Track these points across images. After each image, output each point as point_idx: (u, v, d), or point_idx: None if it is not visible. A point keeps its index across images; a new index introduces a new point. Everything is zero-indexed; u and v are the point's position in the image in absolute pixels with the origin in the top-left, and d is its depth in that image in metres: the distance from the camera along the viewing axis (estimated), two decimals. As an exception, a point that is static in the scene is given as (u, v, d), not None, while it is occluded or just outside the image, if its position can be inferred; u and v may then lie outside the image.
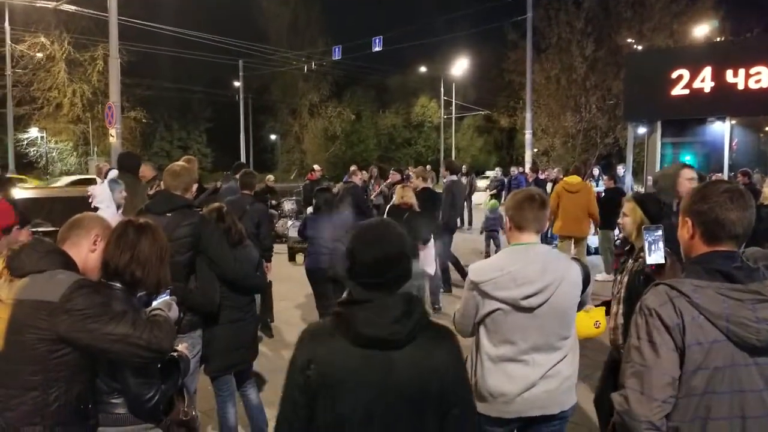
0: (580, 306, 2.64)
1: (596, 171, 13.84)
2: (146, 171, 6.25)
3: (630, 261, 3.06)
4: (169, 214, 3.40)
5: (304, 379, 1.67)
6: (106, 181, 5.24)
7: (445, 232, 8.36)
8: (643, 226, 2.70)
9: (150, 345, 2.06)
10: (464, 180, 16.63)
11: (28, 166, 32.20)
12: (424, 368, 1.65)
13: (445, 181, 8.64)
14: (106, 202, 4.89)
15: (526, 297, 2.40)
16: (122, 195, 5.03)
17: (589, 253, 10.68)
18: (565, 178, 8.45)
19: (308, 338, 1.72)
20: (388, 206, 6.85)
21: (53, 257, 2.14)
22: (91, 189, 5.07)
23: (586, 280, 2.56)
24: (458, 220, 8.47)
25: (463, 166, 18.63)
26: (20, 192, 11.92)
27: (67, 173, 30.97)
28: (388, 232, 1.73)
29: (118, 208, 4.95)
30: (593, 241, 10.18)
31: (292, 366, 1.71)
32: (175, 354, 2.42)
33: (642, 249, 2.67)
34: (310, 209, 11.78)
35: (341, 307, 1.70)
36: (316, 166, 14.28)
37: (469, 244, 11.59)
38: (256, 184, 5.86)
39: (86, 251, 2.28)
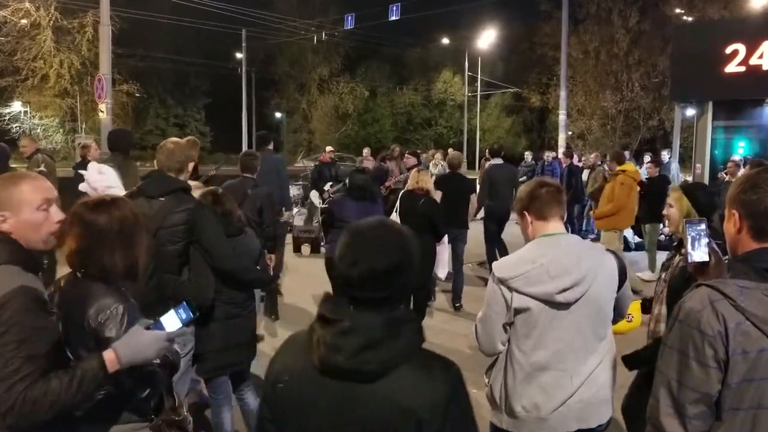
0: (620, 310, 2.62)
1: (647, 157, 13.62)
2: (26, 144, 6.28)
3: (677, 257, 3.03)
4: (163, 199, 3.40)
5: (272, 391, 1.61)
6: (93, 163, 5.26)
7: (489, 221, 8.40)
8: (684, 219, 2.67)
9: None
10: (488, 165, 16.59)
11: (9, 144, 32.47)
12: (397, 408, 1.46)
13: (487, 165, 8.66)
14: (114, 183, 4.84)
15: (562, 290, 2.39)
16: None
17: (628, 248, 10.61)
18: (624, 167, 8.28)
19: (286, 348, 1.66)
20: (401, 193, 6.83)
21: None
22: (88, 173, 5.01)
23: (623, 274, 2.54)
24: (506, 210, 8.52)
25: (487, 150, 18.55)
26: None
27: (54, 152, 31.33)
28: (383, 241, 1.52)
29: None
30: (628, 233, 10.10)
31: (266, 374, 1.66)
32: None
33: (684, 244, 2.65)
34: (328, 187, 11.85)
35: (315, 321, 1.57)
36: (328, 148, 14.23)
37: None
38: (258, 166, 5.87)
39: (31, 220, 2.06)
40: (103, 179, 4.61)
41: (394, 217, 6.38)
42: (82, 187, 4.46)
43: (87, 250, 2.15)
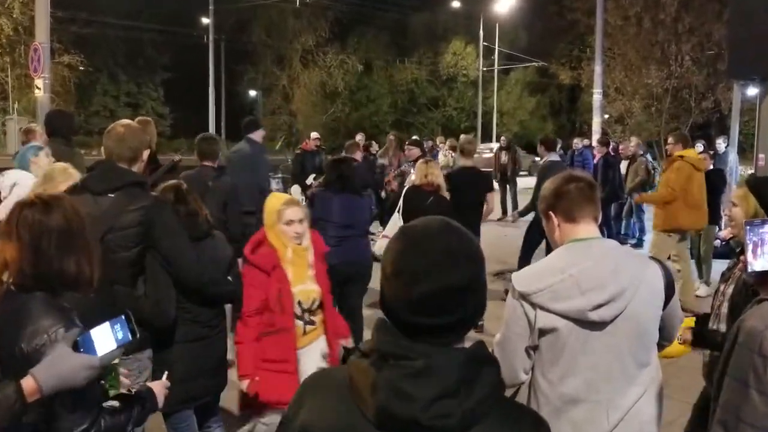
0: (668, 332, 2.63)
1: (699, 146, 13.63)
2: None
3: (739, 266, 3.06)
4: (112, 195, 3.39)
5: None
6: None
7: (539, 228, 8.35)
8: (744, 221, 2.66)
9: None
10: (504, 156, 16.63)
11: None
12: None
13: (541, 162, 8.69)
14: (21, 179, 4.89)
15: (596, 307, 2.40)
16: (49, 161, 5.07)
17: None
18: (683, 152, 8.28)
19: (317, 387, 1.56)
20: (405, 189, 6.84)
21: None
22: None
23: (670, 288, 2.54)
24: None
25: (502, 137, 18.58)
26: None
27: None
28: (454, 248, 1.45)
29: None
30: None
31: (287, 417, 1.57)
32: (130, 390, 2.42)
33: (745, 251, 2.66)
34: (312, 180, 11.85)
35: (361, 359, 1.47)
36: (313, 134, 14.32)
37: (513, 242, 11.54)
38: (219, 151, 5.92)
39: None
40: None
41: (396, 218, 6.37)
42: None
43: (29, 257, 2.17)
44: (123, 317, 2.19)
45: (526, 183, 17.54)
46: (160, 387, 2.57)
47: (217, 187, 5.69)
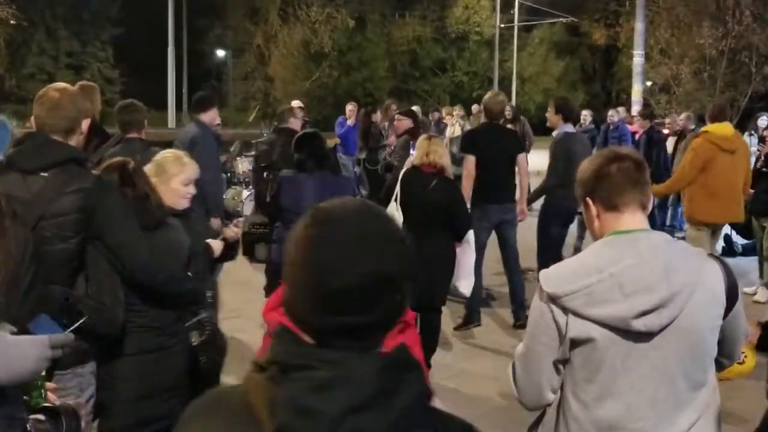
0: (729, 347, 2.61)
1: (763, 119, 13.52)
2: None
3: None
4: (46, 174, 3.37)
5: None
6: None
7: (554, 217, 8.43)
8: None
9: None
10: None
11: None
12: None
13: (555, 133, 8.66)
14: None
15: (640, 314, 2.36)
16: None
17: (734, 252, 10.62)
18: (708, 128, 8.25)
19: (195, 416, 1.56)
20: (402, 171, 6.82)
21: None
22: None
23: (732, 292, 2.51)
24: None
25: (508, 106, 18.37)
26: None
27: None
28: (374, 234, 1.47)
29: None
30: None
31: None
32: (54, 404, 2.42)
33: None
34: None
35: (260, 372, 1.48)
36: (295, 103, 14.22)
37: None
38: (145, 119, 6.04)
39: None
40: None
41: (393, 208, 6.32)
42: None
43: None
44: (47, 317, 2.23)
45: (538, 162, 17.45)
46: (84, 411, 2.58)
47: (147, 161, 5.72)
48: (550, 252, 8.49)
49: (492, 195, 7.36)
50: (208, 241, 4.56)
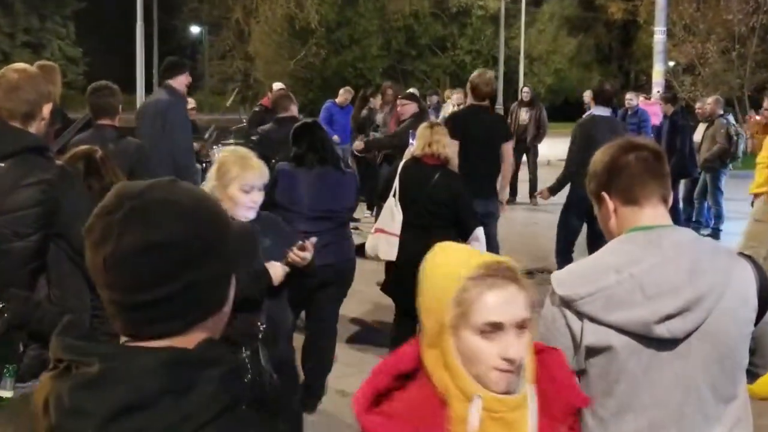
0: (761, 354, 2.61)
1: None
2: None
3: None
4: (2, 164, 3.45)
5: None
6: None
7: (575, 208, 8.54)
8: None
9: None
10: (525, 114, 16.54)
11: None
12: None
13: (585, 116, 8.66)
14: None
15: (664, 318, 2.38)
16: None
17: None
18: None
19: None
20: (402, 162, 6.86)
21: None
22: None
23: (765, 295, 2.51)
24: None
25: (525, 88, 18.37)
26: None
27: None
28: (158, 199, 1.50)
29: None
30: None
31: None
32: None
33: None
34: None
35: (48, 372, 1.53)
36: (276, 85, 14.20)
37: (547, 232, 11.58)
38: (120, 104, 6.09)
39: None
40: None
41: (392, 203, 6.31)
42: None
43: None
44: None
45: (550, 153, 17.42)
46: None
47: (120, 150, 5.71)
48: (569, 249, 8.60)
49: (474, 187, 7.23)
50: (270, 264, 4.28)
